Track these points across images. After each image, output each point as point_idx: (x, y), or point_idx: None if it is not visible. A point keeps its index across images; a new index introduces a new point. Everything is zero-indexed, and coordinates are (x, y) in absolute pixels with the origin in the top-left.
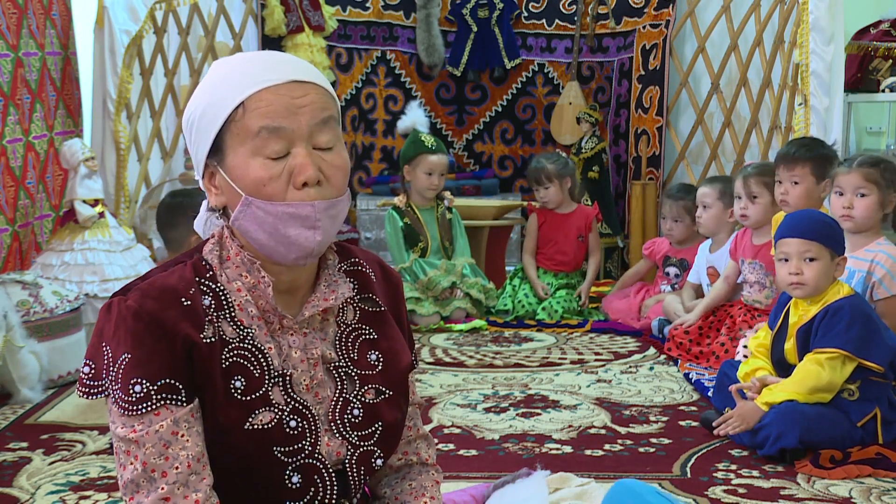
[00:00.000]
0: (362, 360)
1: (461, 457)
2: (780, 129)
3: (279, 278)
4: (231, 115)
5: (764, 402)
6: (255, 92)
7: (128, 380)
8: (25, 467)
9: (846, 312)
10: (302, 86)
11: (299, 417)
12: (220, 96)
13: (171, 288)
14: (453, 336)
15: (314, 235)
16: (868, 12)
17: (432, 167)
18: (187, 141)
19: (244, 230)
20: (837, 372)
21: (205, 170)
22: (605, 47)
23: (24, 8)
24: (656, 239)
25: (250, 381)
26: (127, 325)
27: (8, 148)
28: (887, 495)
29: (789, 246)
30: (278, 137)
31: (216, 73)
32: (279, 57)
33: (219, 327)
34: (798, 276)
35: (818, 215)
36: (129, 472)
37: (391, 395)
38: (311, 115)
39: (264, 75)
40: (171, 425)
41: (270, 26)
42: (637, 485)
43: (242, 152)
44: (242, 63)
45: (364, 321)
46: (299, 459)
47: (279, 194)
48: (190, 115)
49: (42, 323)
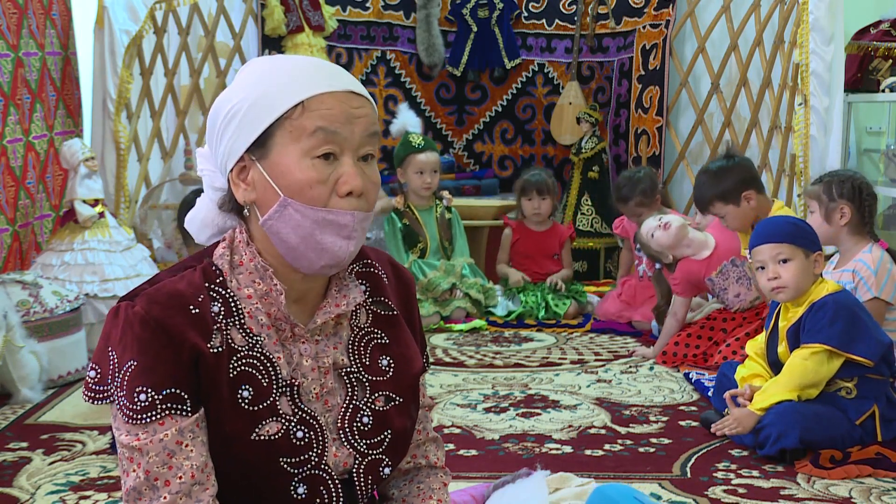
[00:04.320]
0: (374, 365)
1: (461, 457)
2: (780, 129)
3: (292, 287)
4: (288, 111)
5: (757, 408)
6: (318, 94)
7: (133, 387)
8: (25, 467)
9: (829, 308)
10: (358, 97)
11: (306, 428)
12: (277, 91)
13: (180, 294)
14: (453, 336)
15: (348, 245)
16: (868, 12)
17: (422, 166)
18: (217, 131)
19: (275, 231)
20: (824, 366)
21: (237, 163)
22: (605, 47)
23: (25, 8)
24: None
25: (258, 391)
26: (133, 332)
27: (8, 148)
28: (887, 495)
29: (762, 253)
30: (332, 142)
31: (263, 68)
32: (334, 66)
33: (227, 335)
34: (777, 280)
35: (784, 218)
36: (131, 480)
37: (401, 402)
38: (364, 127)
39: (326, 79)
40: (175, 435)
41: (270, 26)
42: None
43: (292, 150)
44: (297, 65)
45: (376, 325)
46: (305, 470)
47: (322, 199)
48: (234, 106)
49: (42, 323)
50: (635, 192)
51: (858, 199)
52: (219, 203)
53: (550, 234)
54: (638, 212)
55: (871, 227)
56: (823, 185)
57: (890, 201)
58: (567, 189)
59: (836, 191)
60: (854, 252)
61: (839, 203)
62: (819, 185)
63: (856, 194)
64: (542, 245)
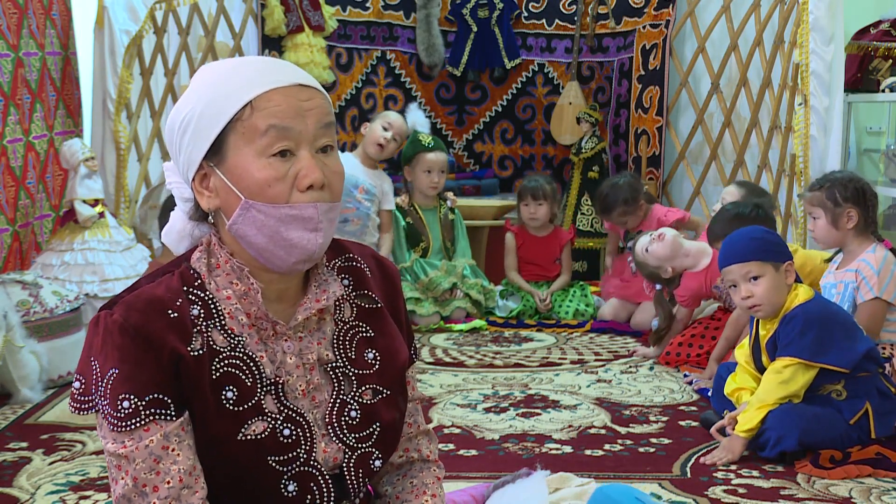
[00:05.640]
0: (360, 358)
1: (461, 457)
2: (780, 129)
3: (269, 286)
4: (237, 113)
5: (743, 431)
6: (264, 91)
7: (116, 395)
8: (25, 467)
9: (799, 320)
10: (307, 90)
11: (293, 425)
12: (224, 95)
13: (158, 299)
14: (453, 336)
15: (316, 238)
16: (868, 12)
17: (430, 165)
18: (175, 143)
19: (241, 234)
20: (800, 376)
21: (197, 171)
22: (605, 47)
23: (25, 8)
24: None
25: (242, 391)
26: (113, 340)
27: (8, 148)
28: (887, 495)
29: (732, 273)
30: (286, 138)
31: (211, 75)
32: (280, 62)
33: (208, 337)
34: (751, 299)
35: (748, 234)
36: (120, 488)
37: (389, 394)
38: (317, 119)
39: (271, 76)
40: (161, 440)
41: (270, 26)
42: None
43: (247, 152)
44: (242, 66)
45: (360, 318)
46: (295, 467)
47: (282, 196)
48: (186, 115)
49: (42, 323)
50: (617, 203)
51: (863, 201)
52: (188, 214)
53: (552, 239)
54: (622, 220)
55: (874, 227)
56: (826, 191)
57: (890, 201)
58: (567, 189)
59: (840, 195)
60: (858, 252)
61: (845, 207)
62: (821, 191)
63: (860, 196)
64: (545, 250)
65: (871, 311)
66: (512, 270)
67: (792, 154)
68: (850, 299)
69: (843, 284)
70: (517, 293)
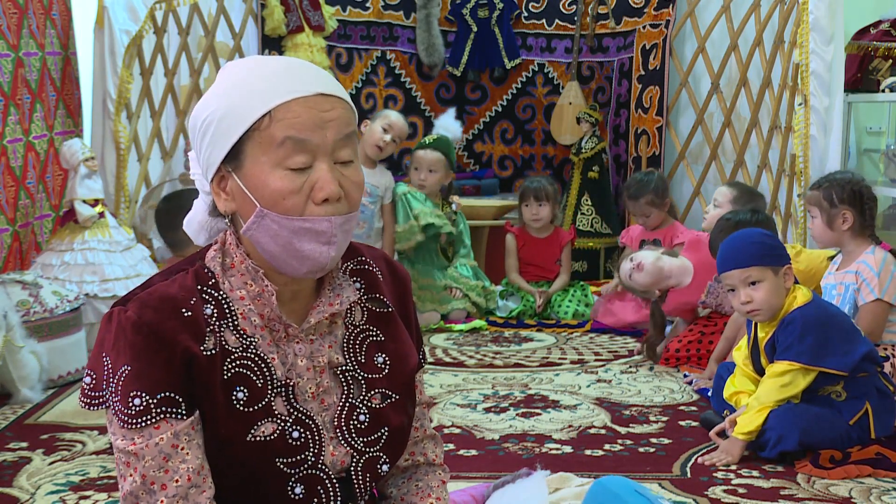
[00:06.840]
0: (369, 362)
1: (461, 457)
2: (780, 129)
3: (284, 288)
4: (256, 122)
5: (742, 434)
6: (283, 102)
7: (127, 392)
8: (25, 467)
9: (797, 324)
10: (329, 99)
11: (302, 428)
12: (245, 102)
13: (171, 298)
14: (453, 336)
15: (328, 251)
16: (868, 12)
17: (419, 162)
18: (196, 141)
19: (255, 241)
20: (799, 380)
21: (216, 173)
22: (605, 47)
23: (25, 8)
24: (630, 227)
25: (252, 392)
26: (126, 337)
27: (8, 148)
28: (887, 495)
29: (731, 278)
30: (303, 150)
31: (235, 76)
32: (305, 67)
33: (221, 337)
34: (750, 304)
35: (747, 238)
36: (128, 484)
37: (397, 399)
38: (336, 131)
39: (293, 85)
40: (171, 438)
41: (270, 26)
42: (615, 484)
43: (264, 161)
44: (266, 70)
45: (371, 322)
46: (302, 470)
47: (297, 208)
48: (207, 116)
49: (42, 323)
50: (647, 190)
51: (859, 203)
52: (208, 210)
53: (552, 239)
54: (647, 211)
55: (872, 229)
56: (823, 192)
57: (890, 201)
58: (567, 189)
59: (836, 197)
60: (857, 254)
61: (840, 209)
62: (819, 192)
63: (856, 199)
64: (546, 251)
65: (872, 312)
66: (513, 272)
67: (792, 154)
68: (850, 301)
69: (844, 286)
70: (517, 293)
